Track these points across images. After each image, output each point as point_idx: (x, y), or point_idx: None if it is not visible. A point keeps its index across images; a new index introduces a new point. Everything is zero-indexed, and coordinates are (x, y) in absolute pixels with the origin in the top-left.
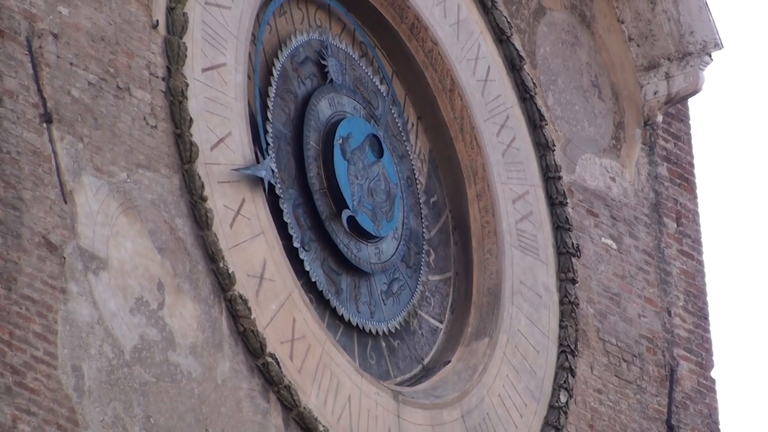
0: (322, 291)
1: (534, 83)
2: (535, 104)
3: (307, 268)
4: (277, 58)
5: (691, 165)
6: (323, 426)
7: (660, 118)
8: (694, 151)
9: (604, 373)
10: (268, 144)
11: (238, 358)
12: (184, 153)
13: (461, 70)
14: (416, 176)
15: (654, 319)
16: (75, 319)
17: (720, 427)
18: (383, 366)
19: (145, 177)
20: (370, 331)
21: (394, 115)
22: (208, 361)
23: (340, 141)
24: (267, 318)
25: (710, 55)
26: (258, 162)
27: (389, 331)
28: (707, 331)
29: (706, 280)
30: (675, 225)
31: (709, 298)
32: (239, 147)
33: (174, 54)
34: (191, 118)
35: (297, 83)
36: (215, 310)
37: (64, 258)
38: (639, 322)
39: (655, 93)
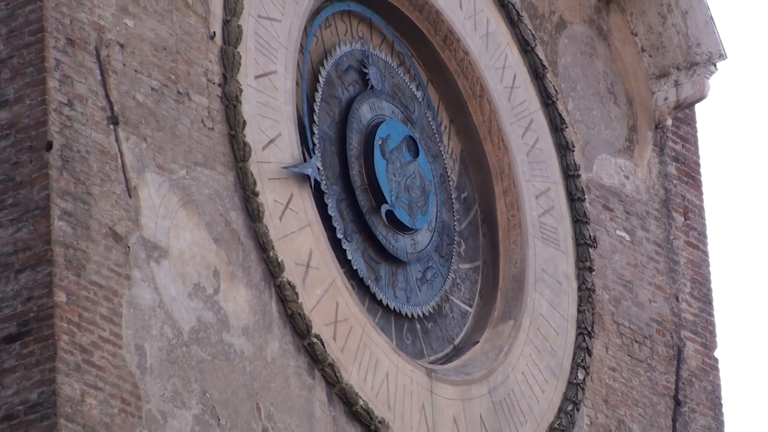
0: (362, 278)
1: (555, 90)
2: (557, 109)
3: (349, 258)
4: (323, 66)
5: (698, 164)
6: (363, 400)
7: (669, 122)
8: (700, 151)
9: (618, 353)
10: (314, 144)
11: (286, 338)
12: (238, 152)
13: (490, 78)
14: (449, 174)
15: (663, 304)
16: (138, 303)
17: (722, 402)
18: (418, 346)
19: (202, 174)
20: (406, 314)
21: (429, 119)
22: (258, 342)
23: (380, 142)
24: (313, 302)
25: (715, 65)
26: (305, 161)
27: (423, 314)
28: (711, 315)
29: (711, 268)
30: (683, 219)
31: (713, 285)
32: (288, 147)
33: (229, 62)
34: (245, 121)
35: (341, 89)
36: (266, 295)
37: (129, 247)
38: (650, 306)
39: (665, 99)
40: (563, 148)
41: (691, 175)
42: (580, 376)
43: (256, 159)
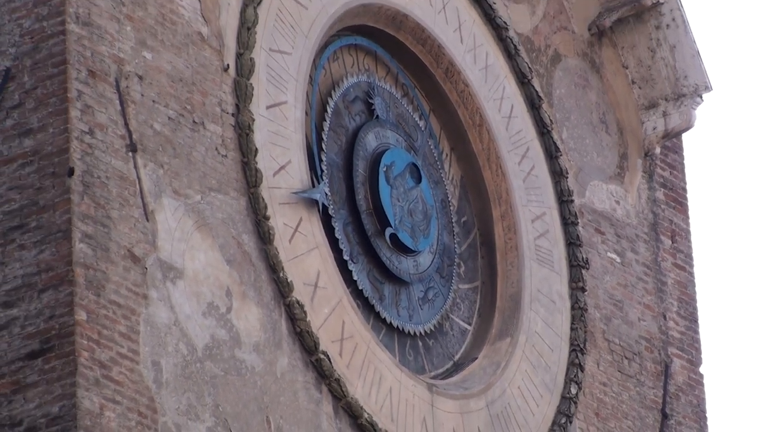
0: (367, 297)
1: (551, 120)
2: (552, 138)
3: (355, 278)
4: (331, 97)
5: (685, 190)
6: (367, 413)
7: (658, 150)
8: (687, 178)
9: (609, 369)
10: (322, 171)
11: (295, 354)
12: (250, 178)
13: (488, 108)
14: (449, 199)
15: (651, 322)
16: (155, 321)
17: (707, 415)
18: (419, 362)
19: (216, 199)
20: (408, 332)
21: (431, 147)
22: (269, 358)
23: (385, 168)
24: (320, 320)
25: (701, 97)
26: (313, 186)
27: (425, 332)
28: (697, 332)
29: (697, 289)
30: (670, 242)
31: (698, 305)
32: (298, 173)
33: (242, 93)
34: (257, 149)
35: (348, 119)
36: (276, 314)
37: (146, 268)
38: (639, 324)
39: (654, 128)
40: (558, 174)
41: (678, 200)
42: (573, 391)
43: (267, 185)
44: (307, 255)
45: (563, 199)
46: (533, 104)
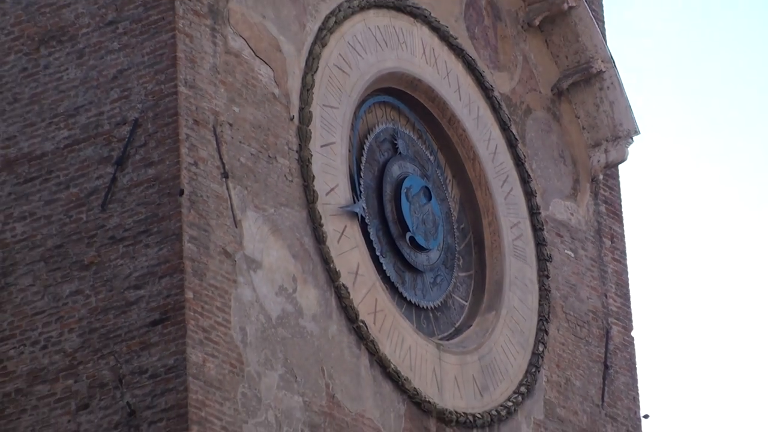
0: (393, 282)
1: (524, 155)
2: (525, 168)
3: (384, 268)
4: (366, 139)
5: (620, 205)
6: (393, 365)
7: (601, 176)
8: (622, 196)
9: (566, 333)
10: (360, 192)
11: (341, 323)
12: (309, 197)
13: (480, 147)
14: (452, 212)
15: (596, 300)
16: (241, 299)
17: (636, 366)
18: (430, 328)
19: (285, 212)
20: (422, 306)
21: (438, 174)
22: (323, 325)
23: (405, 190)
24: (359, 298)
25: (632, 138)
26: (354, 203)
27: (434, 306)
28: (629, 307)
29: (629, 276)
30: (610, 242)
31: (630, 287)
32: (343, 193)
33: (303, 136)
34: (314, 176)
35: (378, 154)
36: (327, 293)
37: (235, 261)
38: (587, 301)
39: (598, 161)
40: (529, 194)
41: (615, 212)
42: (540, 349)
43: (322, 202)
44: (350, 252)
45: (533, 211)
46: (511, 144)
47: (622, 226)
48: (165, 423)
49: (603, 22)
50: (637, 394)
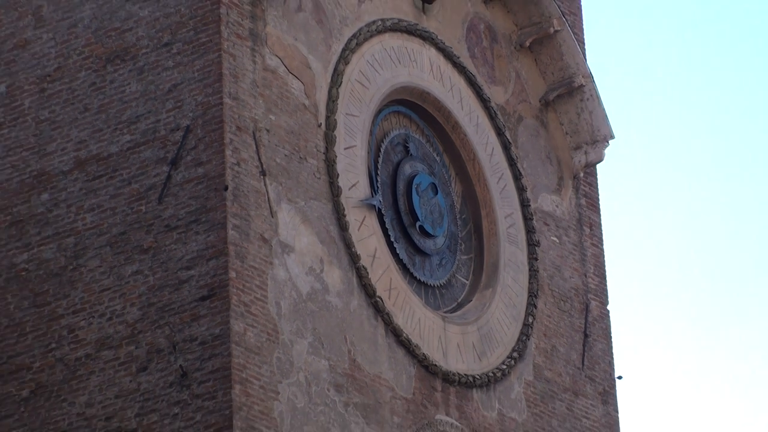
0: (405, 264)
1: (516, 156)
2: (517, 167)
3: (398, 252)
4: (383, 142)
5: (597, 199)
6: (405, 334)
7: (581, 174)
8: (599, 191)
9: (551, 307)
10: (377, 187)
11: (361, 298)
12: (335, 191)
13: (479, 150)
14: (455, 204)
15: (578, 279)
16: (277, 278)
17: (612, 334)
18: (437, 303)
19: (314, 204)
20: (430, 285)
21: (444, 173)
22: (345, 300)
23: (415, 186)
24: (377, 277)
25: (608, 142)
26: (372, 196)
27: (440, 284)
28: (605, 285)
29: (605, 259)
30: (589, 230)
31: (606, 268)
32: (363, 189)
33: (329, 140)
34: (338, 174)
35: (393, 155)
36: (350, 273)
37: (272, 246)
38: (570, 280)
39: (579, 161)
40: (521, 189)
41: (593, 204)
42: (530, 320)
43: (345, 195)
44: (368, 238)
45: (524, 204)
46: (505, 147)
47: (599, 216)
48: (212, 383)
49: (584, 44)
50: (612, 358)
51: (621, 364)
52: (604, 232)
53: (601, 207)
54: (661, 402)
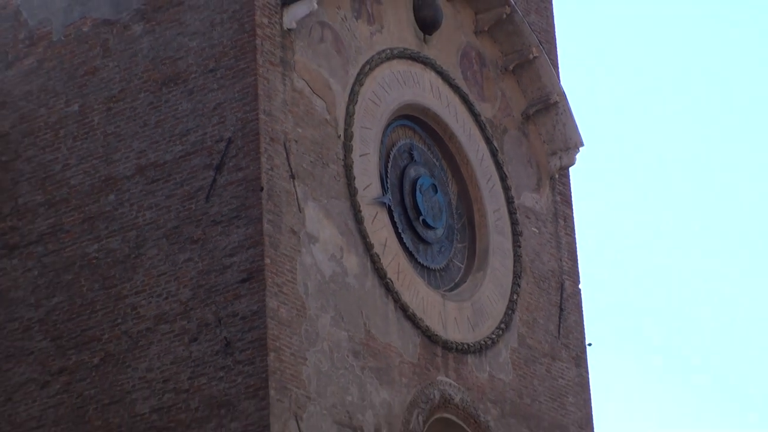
0: (411, 251)
1: (502, 161)
2: (503, 170)
3: (405, 241)
4: (391, 150)
5: (570, 196)
6: (411, 309)
7: (557, 176)
8: (572, 190)
9: (532, 286)
10: (388, 188)
11: (374, 279)
12: (351, 191)
13: (471, 155)
14: (451, 201)
15: (554, 262)
16: (304, 263)
17: (583, 309)
18: (437, 283)
19: (335, 201)
20: (432, 268)
21: (442, 175)
22: (361, 281)
23: (419, 186)
24: (387, 262)
25: (579, 148)
26: (383, 195)
27: (440, 268)
28: (577, 267)
29: (577, 246)
30: (563, 222)
31: (578, 253)
32: (376, 189)
33: (347, 148)
34: (355, 177)
35: (400, 161)
36: (365, 259)
37: (300, 237)
38: (547, 264)
39: (555, 165)
40: (506, 189)
41: (567, 201)
42: (515, 297)
43: (360, 195)
44: (380, 230)
45: (509, 201)
46: (493, 153)
47: (572, 210)
48: (251, 351)
49: (558, 67)
50: (583, 328)
51: (591, 333)
52: (575, 224)
53: (573, 203)
54: (626, 365)
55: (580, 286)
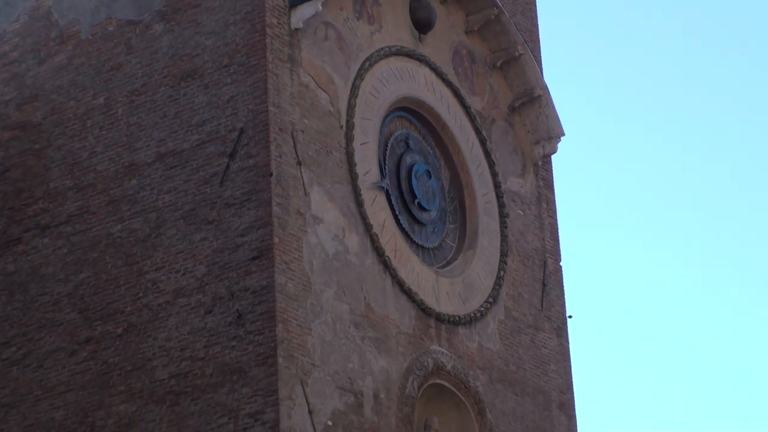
0: (407, 231)
1: (490, 149)
2: (491, 157)
3: (401, 222)
4: (390, 139)
5: (552, 181)
6: (407, 284)
7: (540, 163)
8: (554, 175)
9: (518, 263)
10: (386, 173)
11: (374, 257)
12: (353, 176)
13: (462, 144)
14: (444, 186)
15: (537, 242)
16: (310, 242)
17: (564, 285)
18: (431, 260)
19: (338, 186)
20: (426, 247)
21: (435, 162)
22: (361, 258)
23: (414, 172)
24: (385, 241)
25: (560, 138)
26: (382, 180)
27: (434, 247)
28: (558, 246)
29: (558, 227)
30: (546, 205)
31: (560, 233)
32: (375, 175)
33: (349, 138)
34: (356, 163)
35: (397, 149)
36: (365, 238)
37: (306, 218)
38: (532, 243)
39: (538, 153)
40: (494, 174)
41: (549, 185)
42: (501, 274)
43: (361, 180)
44: (379, 212)
45: (497, 185)
46: (482, 142)
47: (554, 194)
48: (261, 322)
49: (541, 63)
50: (564, 302)
51: (571, 307)
52: (557, 207)
53: (555, 187)
54: (605, 336)
55: (561, 264)
